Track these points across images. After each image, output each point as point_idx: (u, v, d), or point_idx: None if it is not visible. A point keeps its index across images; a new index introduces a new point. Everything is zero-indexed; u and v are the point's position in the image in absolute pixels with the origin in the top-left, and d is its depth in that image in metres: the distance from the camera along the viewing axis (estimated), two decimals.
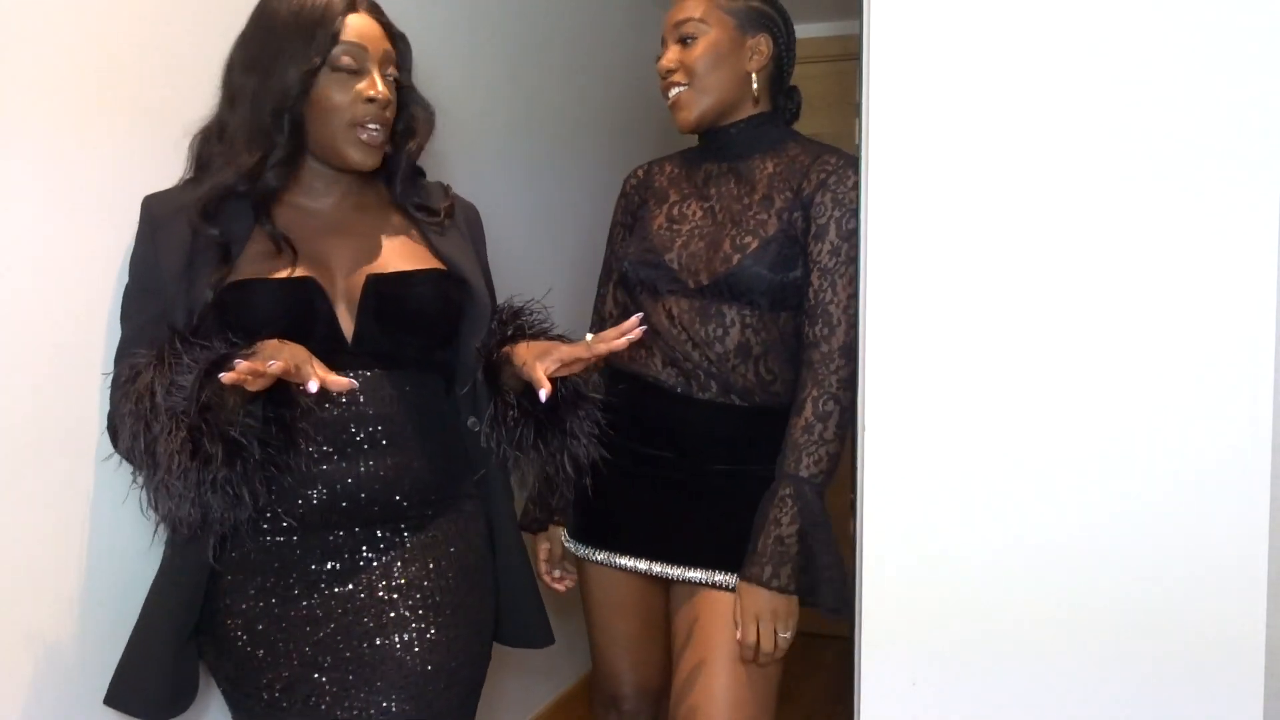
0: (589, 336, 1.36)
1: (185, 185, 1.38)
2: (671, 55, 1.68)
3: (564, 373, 1.34)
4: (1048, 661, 1.28)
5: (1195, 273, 1.21)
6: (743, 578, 1.57)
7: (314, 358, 1.20)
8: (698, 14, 1.66)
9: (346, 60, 1.34)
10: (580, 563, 1.78)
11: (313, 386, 1.15)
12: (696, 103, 1.66)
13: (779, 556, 1.54)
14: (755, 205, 1.64)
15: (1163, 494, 1.23)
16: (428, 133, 1.47)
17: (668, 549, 1.67)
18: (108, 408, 1.34)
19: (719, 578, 1.62)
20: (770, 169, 1.67)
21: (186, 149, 1.40)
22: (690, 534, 1.66)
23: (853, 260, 1.57)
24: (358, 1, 1.38)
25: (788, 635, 1.56)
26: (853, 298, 1.55)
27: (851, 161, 1.63)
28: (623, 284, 1.76)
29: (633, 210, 1.81)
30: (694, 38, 1.65)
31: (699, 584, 1.64)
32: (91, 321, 1.38)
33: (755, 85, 1.68)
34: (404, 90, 1.44)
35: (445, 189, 1.53)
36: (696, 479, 1.66)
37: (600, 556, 1.73)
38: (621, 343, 1.32)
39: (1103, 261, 1.24)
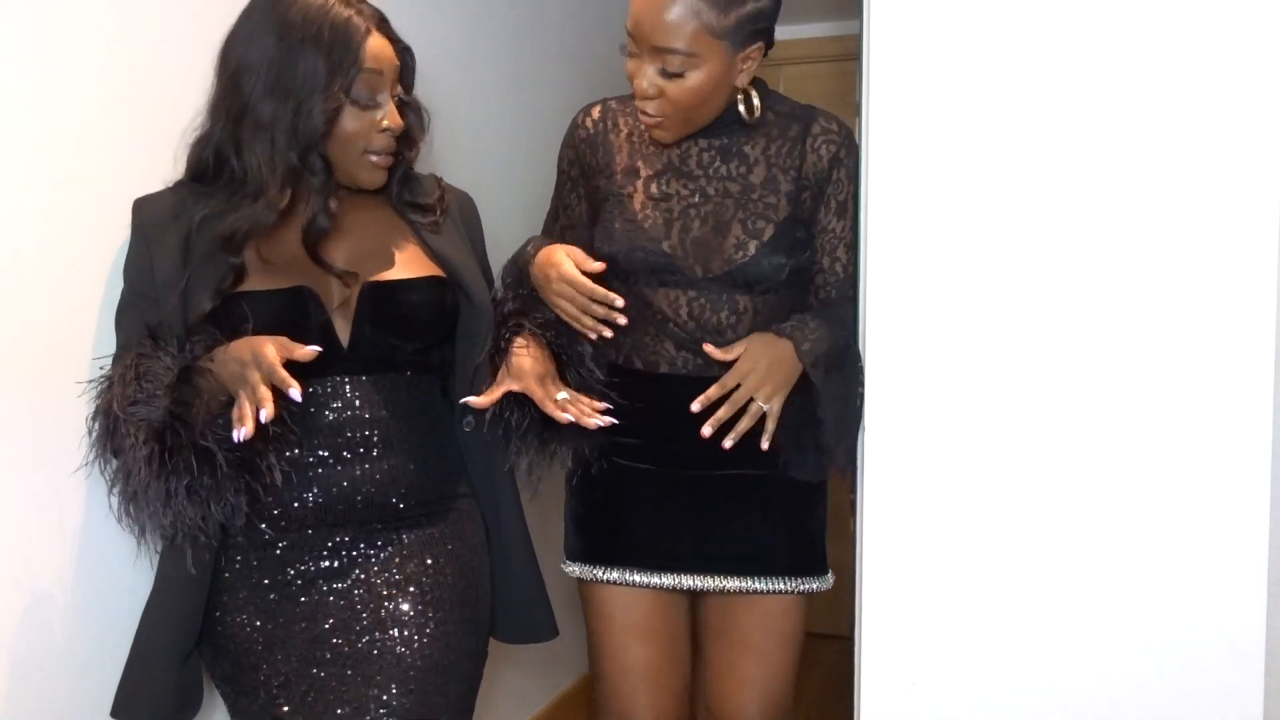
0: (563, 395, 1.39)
1: (177, 188, 1.37)
2: (650, 79, 1.43)
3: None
4: (1047, 661, 1.28)
5: (1196, 271, 1.21)
6: (780, 331, 1.45)
7: (276, 340, 1.22)
8: (683, 45, 1.39)
9: (365, 92, 1.32)
10: (586, 585, 1.61)
11: (295, 394, 1.18)
12: (679, 131, 1.49)
13: (822, 342, 1.44)
14: (759, 187, 1.51)
15: (1163, 494, 1.23)
16: (422, 137, 1.45)
17: (700, 558, 1.54)
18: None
19: (758, 584, 1.53)
20: (761, 145, 1.52)
21: (178, 149, 1.39)
22: (724, 539, 1.54)
23: None
24: (375, 20, 1.33)
25: (766, 406, 1.41)
26: None
27: (844, 124, 1.55)
28: (612, 269, 1.53)
29: (589, 167, 1.60)
30: (680, 74, 1.42)
31: (737, 592, 1.54)
32: (83, 323, 1.38)
33: (741, 93, 1.50)
34: (403, 100, 1.41)
35: (437, 181, 1.51)
36: (725, 471, 1.53)
37: (613, 575, 1.57)
38: (590, 423, 1.38)
39: (1102, 263, 1.24)
